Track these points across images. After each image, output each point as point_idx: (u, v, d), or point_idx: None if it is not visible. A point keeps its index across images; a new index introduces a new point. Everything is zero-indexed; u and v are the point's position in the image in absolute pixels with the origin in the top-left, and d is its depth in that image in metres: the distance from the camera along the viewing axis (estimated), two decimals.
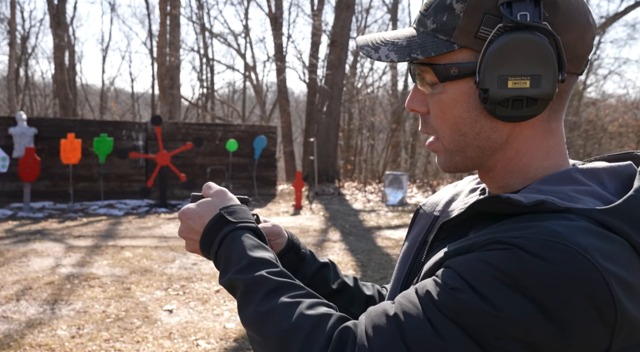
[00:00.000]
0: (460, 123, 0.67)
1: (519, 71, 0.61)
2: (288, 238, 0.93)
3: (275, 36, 19.00)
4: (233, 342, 3.77)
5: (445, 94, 0.66)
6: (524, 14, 0.60)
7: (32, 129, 10.34)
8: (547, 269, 0.53)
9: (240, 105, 28.44)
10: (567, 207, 0.58)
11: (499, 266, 0.55)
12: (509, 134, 0.66)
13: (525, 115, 0.63)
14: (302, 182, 11.09)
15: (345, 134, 21.09)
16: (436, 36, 0.65)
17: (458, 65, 0.64)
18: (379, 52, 0.67)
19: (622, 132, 16.45)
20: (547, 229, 0.55)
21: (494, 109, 0.63)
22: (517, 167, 0.68)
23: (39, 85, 29.72)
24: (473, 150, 0.68)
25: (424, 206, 0.86)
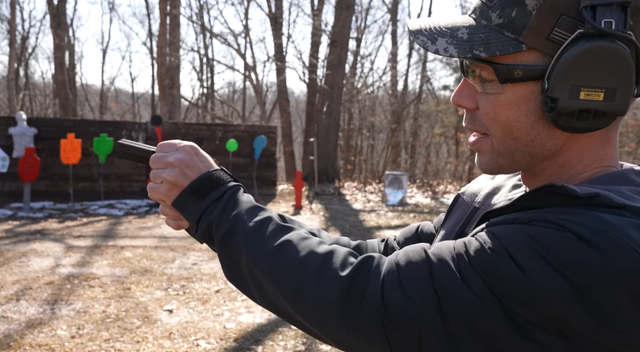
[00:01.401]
0: (514, 126, 0.62)
1: (594, 83, 0.56)
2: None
3: (275, 36, 19.01)
4: (233, 342, 3.77)
5: (502, 95, 0.62)
6: (608, 21, 0.55)
7: (32, 129, 10.34)
8: (594, 256, 0.51)
9: (240, 105, 28.45)
10: (623, 204, 0.56)
11: (544, 242, 0.53)
12: (564, 143, 0.63)
13: (589, 128, 0.59)
14: (302, 182, 11.09)
15: (345, 134, 21.10)
16: (502, 32, 0.60)
17: (523, 67, 0.59)
18: (437, 44, 0.61)
19: (622, 132, 16.45)
20: (600, 218, 0.53)
21: (558, 119, 0.59)
22: (570, 176, 0.65)
23: (39, 85, 29.73)
24: (522, 155, 0.64)
25: (463, 195, 0.82)
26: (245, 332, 3.98)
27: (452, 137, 19.56)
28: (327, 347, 3.73)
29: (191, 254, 6.48)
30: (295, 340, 3.84)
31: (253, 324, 4.15)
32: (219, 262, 0.76)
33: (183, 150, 0.78)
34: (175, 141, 0.81)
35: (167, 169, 0.77)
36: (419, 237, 0.92)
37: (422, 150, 21.14)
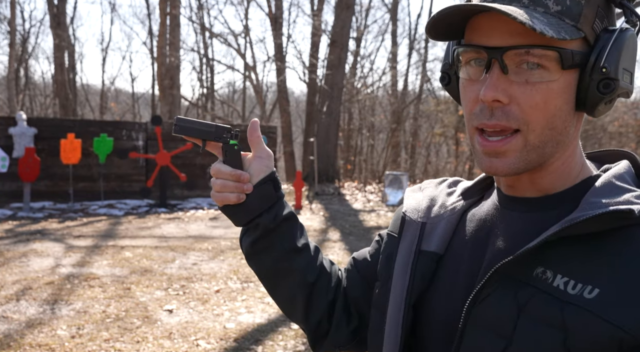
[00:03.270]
0: (557, 115, 0.63)
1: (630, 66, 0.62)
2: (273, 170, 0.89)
3: (275, 36, 19.01)
4: (233, 342, 3.77)
5: (556, 83, 0.61)
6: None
7: (32, 129, 10.34)
8: None
9: (240, 105, 28.45)
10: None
11: None
12: (576, 129, 0.68)
13: (606, 111, 0.65)
14: (302, 182, 11.08)
15: (345, 134, 21.10)
16: (562, 19, 0.60)
17: (579, 53, 0.61)
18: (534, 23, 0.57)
19: (622, 132, 16.45)
20: None
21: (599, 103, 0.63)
22: (568, 166, 0.68)
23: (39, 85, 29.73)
24: (552, 146, 0.65)
25: (407, 212, 0.83)
26: (245, 332, 3.98)
27: (452, 137, 19.55)
28: None
29: (191, 254, 6.48)
30: (295, 340, 3.84)
31: (253, 324, 4.15)
32: (219, 262, 0.77)
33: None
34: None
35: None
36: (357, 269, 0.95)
37: (422, 150, 21.14)
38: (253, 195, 0.85)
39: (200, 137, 0.85)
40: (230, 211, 0.87)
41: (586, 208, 0.61)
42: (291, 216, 0.90)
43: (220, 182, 0.85)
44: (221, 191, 0.85)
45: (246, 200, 0.85)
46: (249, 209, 0.86)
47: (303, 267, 0.90)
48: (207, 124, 0.85)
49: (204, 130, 0.85)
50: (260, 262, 0.90)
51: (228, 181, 0.85)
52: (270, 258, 0.88)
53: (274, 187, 0.88)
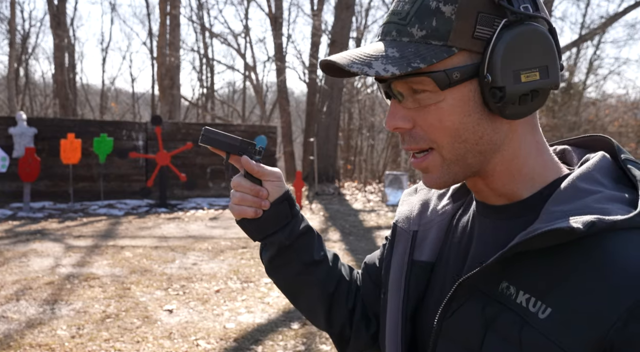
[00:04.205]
0: (461, 129, 0.62)
1: (530, 64, 0.60)
2: (287, 189, 0.91)
3: (275, 36, 19.01)
4: (233, 342, 3.77)
5: (444, 102, 0.62)
6: (526, 6, 0.60)
7: (32, 129, 10.34)
8: None
9: (240, 105, 28.45)
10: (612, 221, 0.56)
11: None
12: (506, 134, 0.64)
13: (529, 110, 0.62)
14: (302, 182, 11.09)
15: (345, 134, 21.10)
16: (429, 43, 0.60)
17: (460, 69, 0.60)
18: (374, 67, 0.60)
19: (622, 132, 16.45)
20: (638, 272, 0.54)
21: (505, 108, 0.61)
22: (517, 169, 0.66)
23: (39, 85, 29.73)
24: (474, 156, 0.64)
25: (399, 222, 0.83)
26: (245, 332, 3.98)
27: None
28: (327, 347, 3.74)
29: (191, 254, 6.48)
30: (295, 340, 3.84)
31: (253, 324, 4.15)
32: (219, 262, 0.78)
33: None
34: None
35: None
36: (368, 273, 0.96)
37: None
38: (269, 213, 0.87)
39: (225, 149, 0.88)
40: (247, 226, 0.90)
41: (545, 219, 0.60)
42: (307, 230, 0.91)
43: (239, 195, 0.87)
44: (239, 204, 0.87)
45: (262, 217, 0.87)
46: (264, 227, 0.88)
47: (322, 278, 0.91)
48: (233, 138, 0.88)
49: (229, 143, 0.88)
50: (279, 277, 0.93)
51: (247, 194, 0.87)
52: (289, 273, 0.91)
53: (289, 205, 0.90)
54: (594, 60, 19.24)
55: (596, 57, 19.48)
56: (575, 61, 19.18)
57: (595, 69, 19.33)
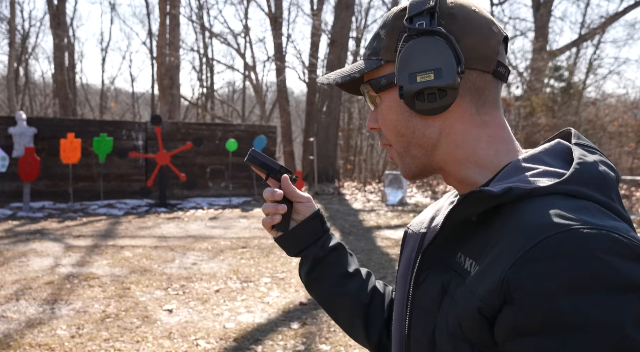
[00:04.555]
0: (398, 126, 0.76)
1: (424, 67, 0.71)
2: (318, 209, 1.03)
3: (275, 36, 19.00)
4: (233, 342, 3.77)
5: (383, 104, 0.78)
6: (421, 23, 0.72)
7: (32, 129, 10.34)
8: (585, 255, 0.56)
9: (240, 105, 28.45)
10: (533, 188, 0.64)
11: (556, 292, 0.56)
12: (441, 129, 0.75)
13: (441, 107, 0.72)
14: (302, 182, 11.09)
15: (345, 134, 21.10)
16: (370, 59, 0.78)
17: (386, 76, 0.76)
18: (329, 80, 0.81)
19: (622, 132, 16.44)
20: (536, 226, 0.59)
21: (414, 104, 0.72)
22: (465, 157, 0.75)
23: (39, 85, 29.73)
24: (416, 149, 0.77)
25: (411, 227, 0.91)
26: (245, 332, 3.98)
27: None
28: (327, 347, 3.74)
29: (191, 254, 6.48)
30: (295, 340, 3.84)
31: (253, 324, 4.15)
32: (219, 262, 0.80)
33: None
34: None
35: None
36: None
37: None
38: (302, 229, 0.99)
39: (266, 171, 1.00)
40: (284, 242, 1.01)
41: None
42: (339, 246, 1.05)
43: (272, 206, 0.99)
44: (273, 213, 0.99)
45: (296, 233, 0.99)
46: (299, 242, 1.00)
47: (357, 290, 1.01)
48: (274, 163, 1.01)
49: (271, 166, 1.00)
50: (317, 291, 1.02)
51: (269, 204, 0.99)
52: (326, 285, 1.01)
53: (321, 222, 1.02)
54: (594, 60, 19.25)
55: (596, 57, 19.49)
56: (575, 61, 19.18)
57: (595, 69, 19.33)
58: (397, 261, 6.45)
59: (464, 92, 0.73)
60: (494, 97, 0.76)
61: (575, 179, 0.65)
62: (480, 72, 0.73)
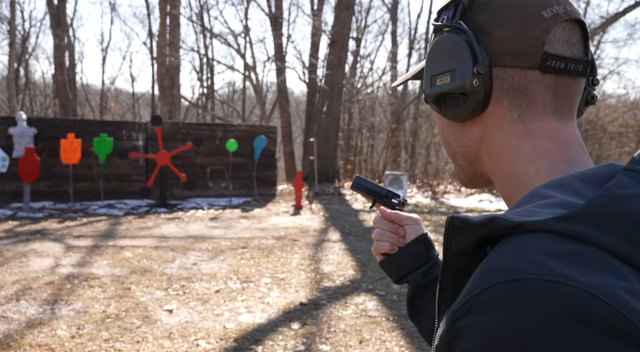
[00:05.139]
0: (442, 132, 0.71)
1: (441, 69, 0.65)
2: (425, 232, 0.98)
3: (275, 36, 19.01)
4: (233, 342, 3.77)
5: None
6: (443, 18, 0.66)
7: (32, 129, 10.34)
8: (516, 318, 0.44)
9: (240, 105, 28.45)
10: (520, 222, 0.51)
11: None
12: (480, 137, 0.66)
13: (466, 112, 0.64)
14: (302, 182, 11.09)
15: (345, 134, 21.10)
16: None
17: None
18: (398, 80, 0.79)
19: (622, 132, 16.44)
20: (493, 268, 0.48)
21: (440, 109, 0.67)
22: (505, 171, 0.65)
23: (39, 85, 29.73)
24: (460, 157, 0.70)
25: None
26: (245, 332, 3.98)
27: None
28: (327, 347, 3.74)
29: (191, 254, 6.48)
30: (295, 340, 3.84)
31: (253, 324, 4.15)
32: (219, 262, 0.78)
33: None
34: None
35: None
36: None
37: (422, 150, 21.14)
38: (405, 253, 0.95)
39: (373, 196, 1.02)
40: (387, 266, 0.97)
41: None
42: None
43: (378, 231, 0.97)
44: (378, 239, 0.97)
45: (399, 257, 0.95)
46: (402, 266, 0.95)
47: None
48: (380, 187, 1.02)
49: (377, 192, 1.02)
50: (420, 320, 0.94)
51: (385, 231, 0.97)
52: (428, 316, 0.91)
53: (425, 248, 0.95)
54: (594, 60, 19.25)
55: (596, 57, 19.49)
56: None
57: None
58: None
59: (499, 94, 0.62)
60: (543, 98, 0.62)
61: (582, 216, 0.50)
62: (517, 68, 0.62)
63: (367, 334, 3.97)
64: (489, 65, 0.62)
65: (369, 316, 4.38)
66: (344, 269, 5.89)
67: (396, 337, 3.92)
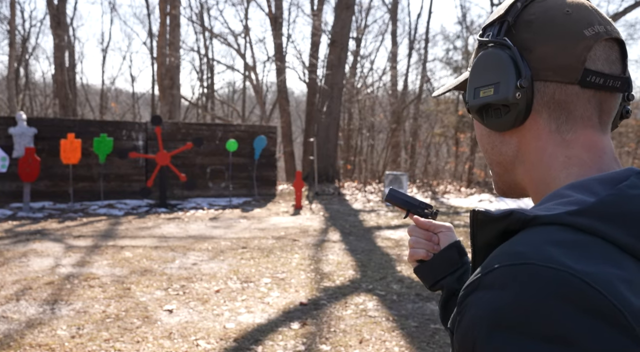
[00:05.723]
0: (482, 141, 0.75)
1: (485, 82, 0.69)
2: (457, 239, 1.02)
3: (275, 36, 19.00)
4: (233, 342, 3.77)
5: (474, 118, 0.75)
6: (489, 34, 0.70)
7: (32, 129, 10.34)
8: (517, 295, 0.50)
9: (240, 105, 28.45)
10: (535, 215, 0.57)
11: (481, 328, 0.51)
12: (517, 147, 0.70)
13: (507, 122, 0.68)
14: (302, 182, 11.09)
15: (345, 134, 21.10)
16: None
17: None
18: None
19: (622, 132, 16.44)
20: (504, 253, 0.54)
21: (482, 119, 0.71)
22: (540, 178, 0.69)
23: (39, 85, 29.73)
24: (496, 166, 0.74)
25: None
26: (245, 332, 3.98)
27: (452, 137, 19.56)
28: (327, 347, 3.74)
29: (191, 254, 6.48)
30: (295, 340, 3.84)
31: (253, 324, 4.15)
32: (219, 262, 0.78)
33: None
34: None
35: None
36: None
37: (422, 150, 21.14)
38: (439, 259, 0.99)
39: (406, 207, 1.06)
40: (421, 272, 1.01)
41: None
42: None
43: (413, 239, 1.02)
44: (413, 247, 1.01)
45: (434, 262, 0.99)
46: (436, 272, 0.99)
47: None
48: (413, 199, 1.07)
49: (411, 202, 1.06)
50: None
51: (420, 238, 1.02)
52: None
53: (458, 253, 1.00)
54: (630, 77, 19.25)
55: None
56: None
57: None
58: (397, 261, 6.46)
59: (539, 106, 0.66)
60: (582, 112, 0.66)
61: (592, 211, 0.56)
62: (559, 83, 0.65)
63: (367, 334, 3.97)
64: (531, 79, 0.66)
65: (369, 316, 4.38)
66: (344, 269, 5.89)
67: (396, 337, 3.92)
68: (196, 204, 11.38)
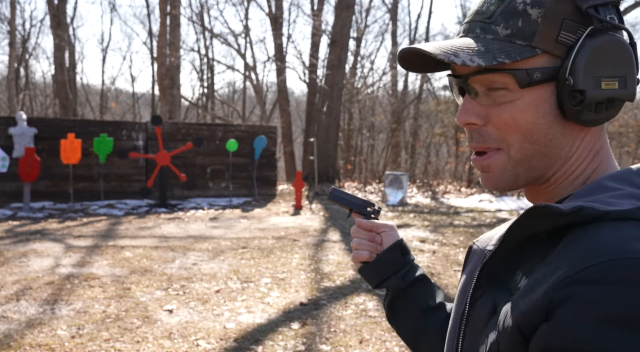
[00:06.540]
0: (534, 129, 0.65)
1: (610, 72, 0.62)
2: (400, 238, 1.01)
3: (275, 36, 19.01)
4: (233, 342, 3.77)
5: (520, 100, 0.64)
6: (612, 17, 0.62)
7: (32, 129, 10.34)
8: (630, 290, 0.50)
9: (240, 105, 28.46)
10: (607, 211, 0.56)
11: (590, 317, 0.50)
12: (573, 141, 0.66)
13: (604, 119, 0.64)
14: (302, 182, 11.09)
15: (345, 134, 21.10)
16: (513, 41, 0.64)
17: (541, 70, 0.63)
18: (461, 57, 0.63)
19: (622, 132, 16.44)
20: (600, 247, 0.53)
21: (582, 113, 0.63)
22: (574, 175, 0.67)
23: (39, 85, 29.73)
24: (539, 159, 0.66)
25: (477, 242, 0.81)
26: (245, 332, 3.98)
27: (452, 137, 19.56)
28: (327, 347, 3.74)
29: (191, 254, 6.48)
30: (295, 340, 3.84)
31: (253, 324, 4.15)
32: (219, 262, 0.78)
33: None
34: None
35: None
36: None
37: (422, 150, 21.15)
38: (383, 259, 0.99)
39: (349, 206, 1.05)
40: (366, 272, 1.00)
41: None
42: (422, 278, 0.98)
43: (356, 240, 1.01)
44: (357, 248, 1.01)
45: (378, 262, 0.99)
46: (380, 272, 0.98)
47: (439, 324, 0.94)
48: (356, 198, 1.05)
49: (353, 202, 1.05)
50: (398, 322, 0.98)
51: (363, 240, 1.01)
52: (407, 318, 0.96)
53: (402, 253, 0.99)
54: None
55: None
56: None
57: None
58: None
59: None
60: None
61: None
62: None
63: (367, 334, 3.97)
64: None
65: (369, 316, 4.38)
66: (344, 269, 5.89)
67: (396, 337, 3.92)
68: (196, 204, 11.38)
